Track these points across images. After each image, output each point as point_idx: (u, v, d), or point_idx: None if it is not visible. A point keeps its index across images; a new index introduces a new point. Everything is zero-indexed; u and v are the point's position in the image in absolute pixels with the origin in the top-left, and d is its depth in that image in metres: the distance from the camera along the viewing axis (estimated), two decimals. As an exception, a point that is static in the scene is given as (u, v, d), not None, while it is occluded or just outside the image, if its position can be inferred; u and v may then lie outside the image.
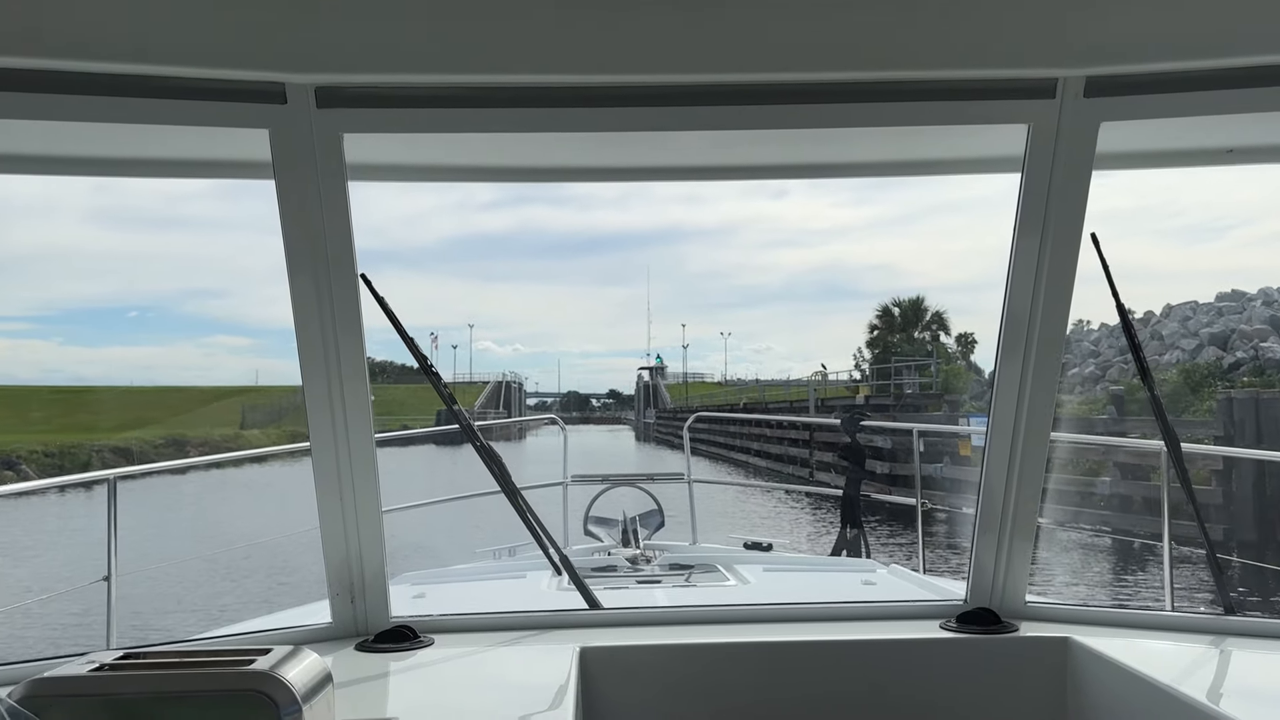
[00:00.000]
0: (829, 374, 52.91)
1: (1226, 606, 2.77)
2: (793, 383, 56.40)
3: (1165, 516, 4.95)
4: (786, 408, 46.34)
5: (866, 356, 53.17)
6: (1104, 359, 35.27)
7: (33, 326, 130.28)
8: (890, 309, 55.08)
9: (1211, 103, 2.34)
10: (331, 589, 2.71)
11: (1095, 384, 32.26)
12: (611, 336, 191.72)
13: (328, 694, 1.74)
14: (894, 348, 48.52)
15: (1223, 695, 2.29)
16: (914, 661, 2.67)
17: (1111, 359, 34.64)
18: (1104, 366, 34.24)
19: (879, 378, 41.50)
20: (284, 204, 2.38)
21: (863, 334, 57.89)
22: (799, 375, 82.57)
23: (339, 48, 2.22)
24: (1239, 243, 76.27)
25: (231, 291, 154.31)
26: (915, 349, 46.31)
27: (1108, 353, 35.63)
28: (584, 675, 2.48)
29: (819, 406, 40.58)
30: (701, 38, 2.26)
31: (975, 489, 2.77)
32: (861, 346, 55.72)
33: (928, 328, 53.71)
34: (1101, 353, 36.21)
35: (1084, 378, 33.51)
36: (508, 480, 2.95)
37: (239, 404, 63.14)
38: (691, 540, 6.42)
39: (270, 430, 53.88)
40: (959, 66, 2.31)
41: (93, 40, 2.12)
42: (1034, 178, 2.46)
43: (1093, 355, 36.36)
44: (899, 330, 53.54)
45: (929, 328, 53.74)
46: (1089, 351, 36.73)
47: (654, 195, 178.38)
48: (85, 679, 1.62)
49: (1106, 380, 31.73)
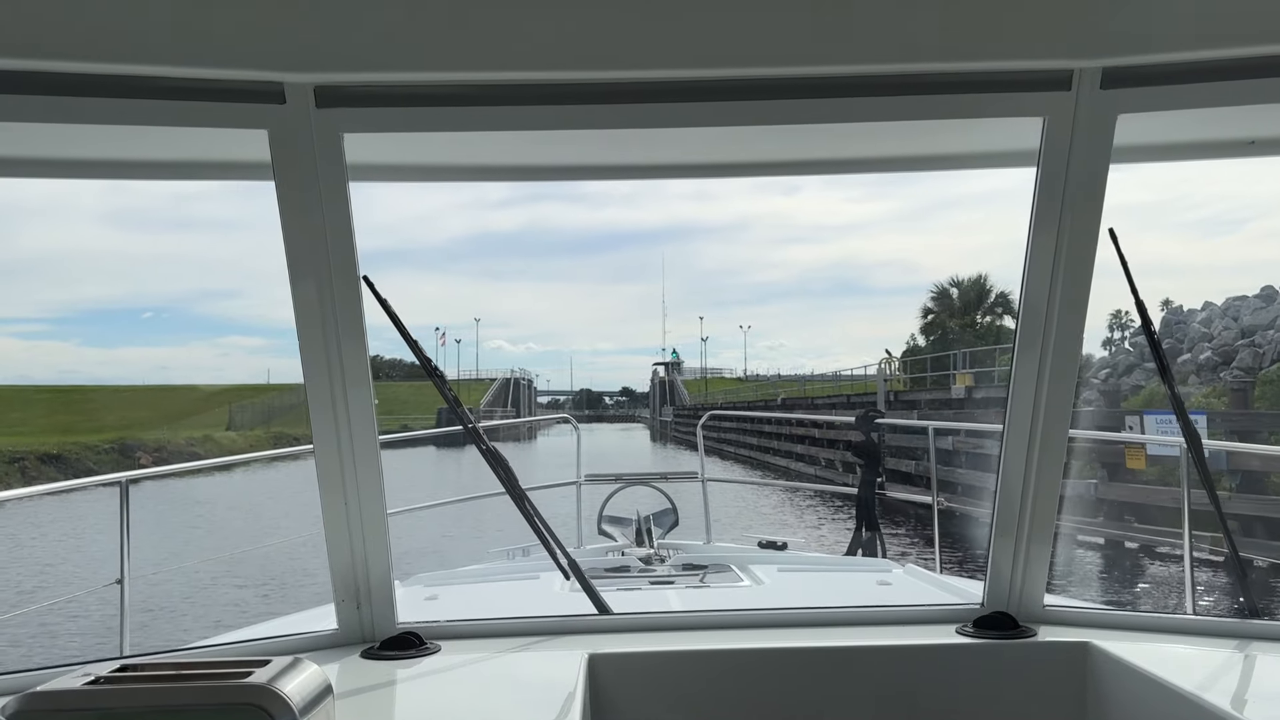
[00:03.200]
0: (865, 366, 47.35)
1: (1251, 609, 2.70)
2: (844, 377, 48.31)
3: (1186, 519, 4.87)
4: (843, 403, 39.19)
5: (921, 344, 47.71)
6: (1220, 342, 29.30)
7: (49, 328, 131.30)
8: (947, 290, 49.21)
9: (1232, 93, 2.28)
10: (337, 595, 2.68)
11: (1215, 371, 27.08)
12: (623, 334, 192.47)
13: (327, 706, 1.71)
14: (952, 334, 44.23)
15: (1247, 701, 2.23)
16: (930, 668, 2.61)
17: (1232, 342, 28.90)
18: (1226, 353, 28.39)
19: (920, 369, 37.68)
20: (284, 205, 2.35)
21: (914, 320, 51.95)
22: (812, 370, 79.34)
23: (338, 46, 2.18)
24: (1255, 236, 75.70)
25: (245, 292, 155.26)
26: (983, 335, 41.12)
27: (1224, 335, 29.76)
28: (593, 682, 2.45)
29: (891, 402, 33.80)
30: (709, 32, 2.21)
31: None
32: (915, 333, 50.21)
33: (991, 311, 48.42)
34: (1216, 335, 30.20)
35: (1199, 365, 28.26)
36: (514, 483, 2.91)
37: (229, 404, 61.29)
38: (706, 540, 6.39)
39: (256, 432, 50.96)
40: (973, 59, 2.26)
41: (89, 41, 2.09)
42: (1050, 171, 2.41)
43: (1205, 339, 30.47)
44: (958, 315, 48.21)
45: (993, 311, 48.28)
46: (1200, 335, 31.03)
47: (665, 192, 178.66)
48: (79, 693, 1.59)
49: (1236, 367, 26.39)
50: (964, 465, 22.17)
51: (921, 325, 50.09)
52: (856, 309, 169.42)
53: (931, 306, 50.20)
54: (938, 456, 21.83)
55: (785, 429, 40.39)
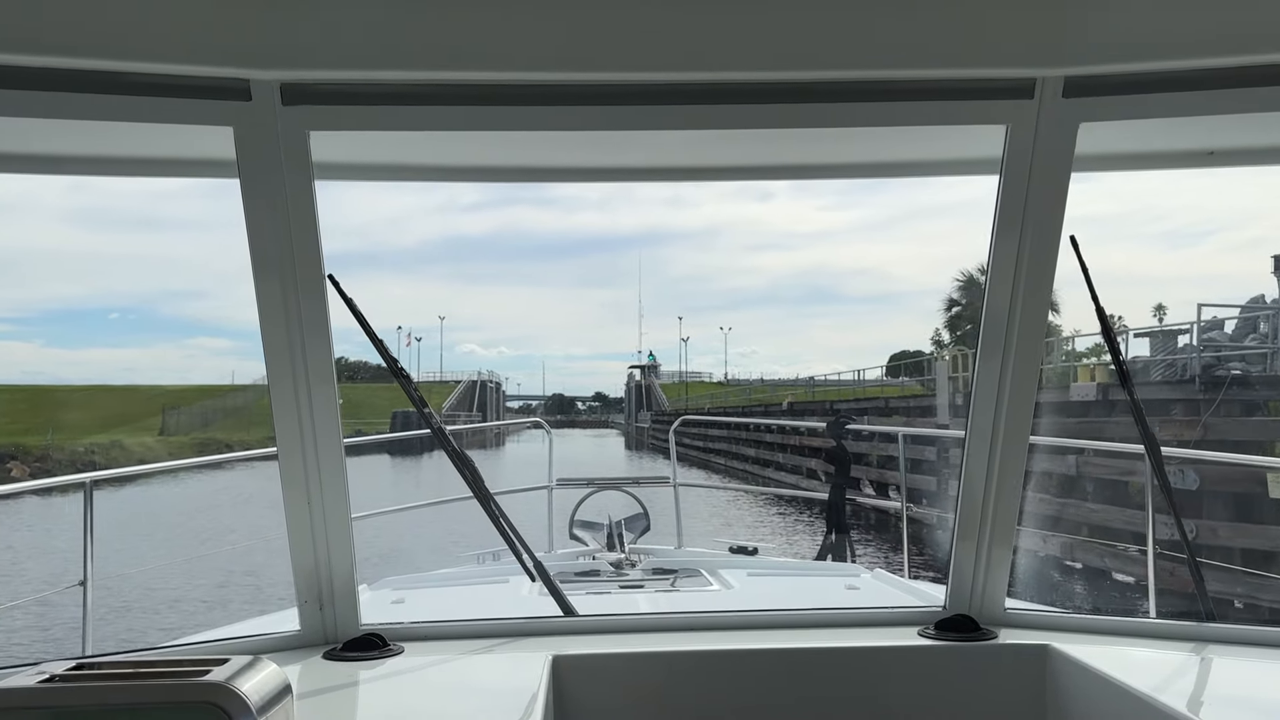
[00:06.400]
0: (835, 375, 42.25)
1: (1207, 613, 2.74)
2: (868, 381, 41.90)
3: (1150, 521, 4.93)
4: (879, 408, 31.35)
5: (946, 340, 43.93)
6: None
7: (11, 328, 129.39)
8: (976, 278, 43.45)
9: (1192, 104, 2.32)
10: (300, 596, 2.66)
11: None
12: (595, 340, 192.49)
13: (286, 705, 1.69)
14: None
15: (1203, 703, 2.26)
16: (892, 669, 2.63)
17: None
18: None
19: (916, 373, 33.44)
20: (249, 203, 2.34)
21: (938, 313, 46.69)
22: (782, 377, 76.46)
23: (305, 43, 2.18)
24: (1221, 248, 76.55)
25: (211, 293, 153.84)
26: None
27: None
28: (556, 684, 2.44)
29: (958, 407, 23.78)
30: (681, 36, 2.22)
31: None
32: (939, 327, 45.70)
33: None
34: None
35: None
36: (480, 485, 2.91)
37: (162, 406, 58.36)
38: (677, 544, 6.39)
39: (190, 437, 48.29)
40: (937, 66, 2.29)
41: (51, 36, 2.07)
42: (1013, 178, 2.44)
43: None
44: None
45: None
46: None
47: (638, 197, 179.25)
48: (33, 690, 1.57)
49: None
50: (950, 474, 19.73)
51: (946, 319, 45.44)
52: (827, 316, 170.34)
53: (958, 298, 45.48)
54: (925, 468, 20.42)
55: (793, 439, 34.06)
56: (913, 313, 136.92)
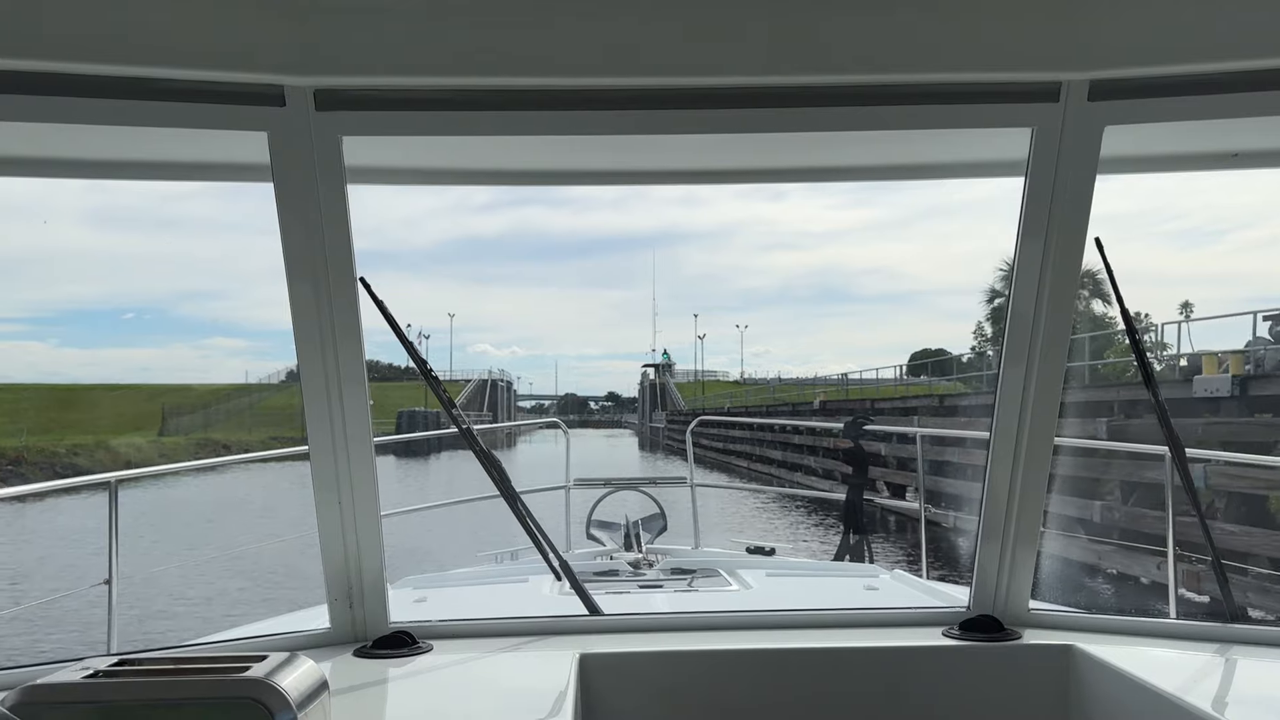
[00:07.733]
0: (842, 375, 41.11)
1: (1231, 614, 2.74)
2: (905, 380, 39.04)
3: (1170, 523, 4.91)
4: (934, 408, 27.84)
5: (988, 333, 42.61)
6: None
7: (28, 328, 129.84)
8: None
9: (1216, 106, 2.33)
10: (330, 594, 2.69)
11: None
12: (609, 339, 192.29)
13: (323, 701, 1.73)
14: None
15: (1228, 704, 2.26)
16: (916, 669, 2.64)
17: None
18: None
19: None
20: (283, 207, 2.37)
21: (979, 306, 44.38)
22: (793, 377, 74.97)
23: (338, 50, 2.21)
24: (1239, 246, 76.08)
25: (228, 293, 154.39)
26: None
27: None
28: (583, 682, 2.47)
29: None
30: (699, 42, 2.25)
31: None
32: (981, 320, 43.83)
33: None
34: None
35: None
36: (508, 485, 2.93)
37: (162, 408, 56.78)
38: (694, 544, 6.40)
39: (191, 438, 46.09)
40: (961, 70, 2.30)
41: (90, 43, 2.11)
42: (1038, 181, 2.45)
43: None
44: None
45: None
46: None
47: (651, 197, 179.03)
48: (79, 686, 1.61)
49: None
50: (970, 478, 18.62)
51: (989, 311, 43.13)
52: (840, 315, 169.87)
53: (1000, 289, 41.52)
54: (951, 470, 19.48)
55: (826, 441, 30.48)
56: (926, 311, 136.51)
